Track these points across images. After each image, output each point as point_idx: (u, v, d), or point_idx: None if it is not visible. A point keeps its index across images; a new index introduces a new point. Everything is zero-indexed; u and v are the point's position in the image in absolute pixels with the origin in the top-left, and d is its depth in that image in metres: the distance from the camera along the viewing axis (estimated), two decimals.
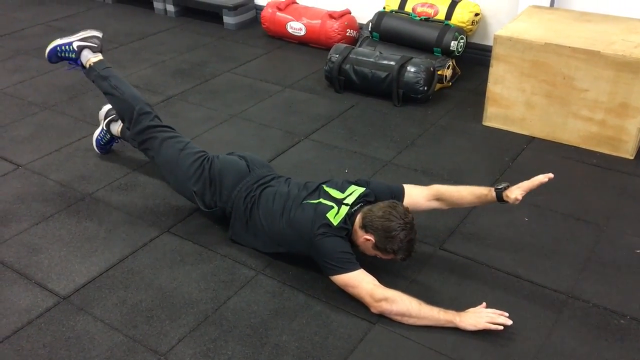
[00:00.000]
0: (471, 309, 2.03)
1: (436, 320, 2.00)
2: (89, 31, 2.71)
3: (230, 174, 2.41)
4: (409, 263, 2.22)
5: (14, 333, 2.04)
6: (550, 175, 2.13)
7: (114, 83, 2.60)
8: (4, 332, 2.04)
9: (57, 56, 2.71)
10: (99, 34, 2.73)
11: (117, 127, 2.94)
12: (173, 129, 2.59)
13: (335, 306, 2.12)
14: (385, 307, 2.02)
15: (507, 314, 2.00)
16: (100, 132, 2.96)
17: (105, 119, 2.97)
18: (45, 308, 2.14)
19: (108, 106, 2.96)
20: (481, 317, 1.98)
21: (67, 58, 2.70)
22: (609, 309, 2.10)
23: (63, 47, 2.68)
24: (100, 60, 2.66)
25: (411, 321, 2.02)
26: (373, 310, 2.06)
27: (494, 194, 2.19)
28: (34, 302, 2.16)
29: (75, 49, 2.65)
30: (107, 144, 3.01)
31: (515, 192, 2.14)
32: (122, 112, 2.61)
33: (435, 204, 2.31)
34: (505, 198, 2.16)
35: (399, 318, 2.03)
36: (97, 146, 3.01)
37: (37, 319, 2.09)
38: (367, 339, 2.00)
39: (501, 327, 1.96)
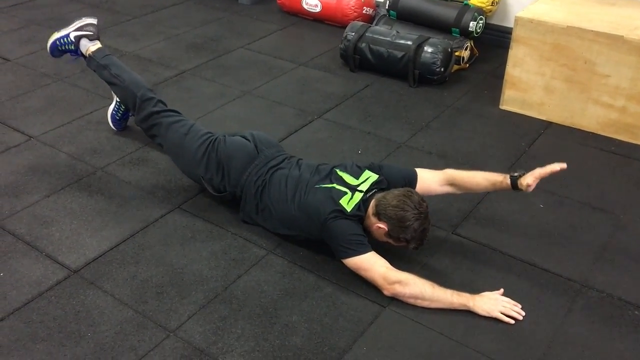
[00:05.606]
0: (487, 293, 2.03)
1: (449, 304, 1.99)
2: (83, 19, 2.72)
3: (238, 158, 2.37)
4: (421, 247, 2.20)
5: (24, 305, 2.04)
6: (564, 165, 2.10)
7: (114, 71, 2.60)
8: (15, 304, 2.04)
9: (59, 50, 2.75)
10: (93, 20, 2.73)
11: None
12: (178, 112, 2.57)
13: (346, 288, 2.11)
14: (398, 289, 2.00)
15: (520, 306, 2.01)
16: (115, 106, 2.93)
17: None
18: (55, 281, 2.14)
19: None
20: (496, 305, 1.98)
21: (68, 50, 2.74)
22: (623, 300, 2.07)
23: (62, 40, 2.71)
24: (98, 49, 2.67)
25: (424, 304, 2.00)
26: (386, 293, 2.04)
27: (508, 181, 2.15)
28: (45, 275, 2.16)
29: (73, 39, 2.67)
30: (123, 118, 2.96)
31: (528, 179, 2.11)
32: (125, 100, 2.63)
33: (448, 189, 2.28)
34: (519, 186, 2.13)
35: (412, 301, 2.01)
36: (112, 121, 2.96)
37: (47, 292, 2.09)
38: (377, 322, 1.98)
39: (512, 322, 1.96)
